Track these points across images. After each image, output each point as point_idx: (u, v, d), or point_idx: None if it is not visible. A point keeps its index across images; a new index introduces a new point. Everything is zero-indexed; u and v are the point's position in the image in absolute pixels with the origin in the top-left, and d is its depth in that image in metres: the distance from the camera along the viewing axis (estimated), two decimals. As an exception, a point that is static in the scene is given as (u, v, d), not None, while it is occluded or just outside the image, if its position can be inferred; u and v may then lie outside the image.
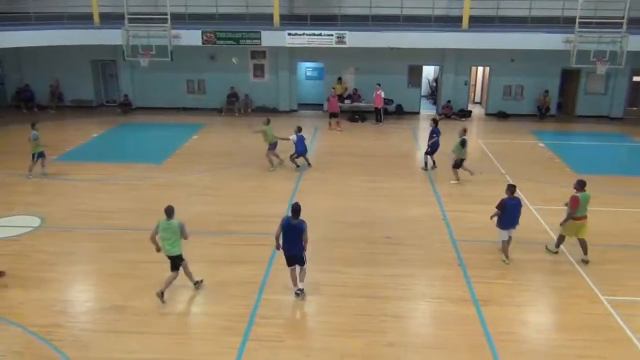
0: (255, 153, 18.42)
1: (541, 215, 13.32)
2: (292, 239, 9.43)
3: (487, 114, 25.57)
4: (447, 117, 24.60)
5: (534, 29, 21.78)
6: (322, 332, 8.80)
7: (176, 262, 9.64)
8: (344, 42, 22.26)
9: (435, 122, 17.27)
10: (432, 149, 17.06)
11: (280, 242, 9.64)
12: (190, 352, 8.25)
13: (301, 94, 26.20)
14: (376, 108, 23.39)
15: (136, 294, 9.80)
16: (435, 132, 16.99)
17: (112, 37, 21.91)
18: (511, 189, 10.86)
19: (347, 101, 24.79)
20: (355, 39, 22.14)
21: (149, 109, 25.47)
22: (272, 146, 16.88)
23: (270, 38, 22.54)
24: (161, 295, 9.47)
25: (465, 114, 24.96)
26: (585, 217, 11.03)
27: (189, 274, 9.90)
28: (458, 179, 15.70)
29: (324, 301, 9.68)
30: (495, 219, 10.91)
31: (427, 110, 26.49)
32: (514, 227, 10.99)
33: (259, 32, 22.31)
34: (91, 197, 14.54)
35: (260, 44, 22.77)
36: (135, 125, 23.02)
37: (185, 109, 25.57)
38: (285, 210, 13.42)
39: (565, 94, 25.55)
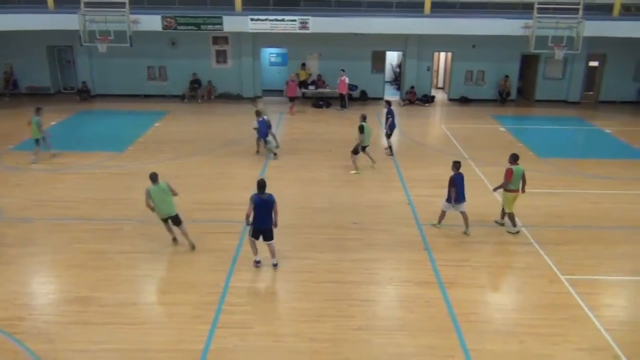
0: (219, 140, 18.26)
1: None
2: (264, 213, 9.86)
3: (450, 99, 25.92)
4: (411, 102, 24.83)
5: (494, 15, 22.11)
6: (291, 318, 8.85)
7: (178, 218, 10.74)
8: (307, 28, 22.14)
9: (388, 103, 17.77)
10: (391, 130, 17.37)
11: (251, 219, 9.91)
12: (159, 341, 8.17)
13: (265, 80, 25.98)
14: (340, 94, 23.41)
15: (101, 284, 9.64)
16: (390, 113, 17.39)
17: (68, 21, 21.18)
18: (457, 165, 11.67)
19: (311, 87, 24.74)
20: (319, 24, 22.04)
21: (109, 96, 24.87)
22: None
23: (232, 23, 22.22)
24: (192, 247, 10.83)
25: (429, 99, 25.23)
26: (518, 190, 11.64)
27: (185, 233, 10.89)
28: (357, 168, 15.59)
29: (292, 287, 9.73)
30: (447, 196, 11.71)
31: (391, 96, 26.62)
32: (465, 201, 11.67)
33: (221, 17, 21.97)
34: (51, 187, 14.16)
35: (222, 30, 22.42)
36: (95, 113, 22.44)
37: (146, 96, 25.06)
38: (252, 197, 13.40)
39: (524, 79, 26.12)
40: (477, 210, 12.76)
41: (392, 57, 29.31)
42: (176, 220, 10.74)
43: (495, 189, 12.05)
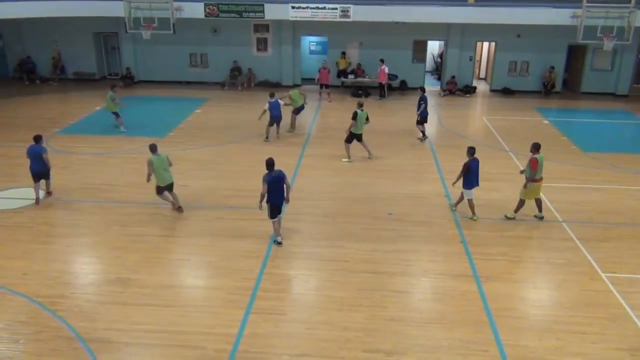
0: (258, 128, 18.39)
1: (544, 193, 13.26)
2: (279, 190, 10.31)
3: (492, 90, 25.40)
4: (452, 93, 24.46)
5: (541, 3, 21.48)
6: (324, 306, 8.88)
7: (172, 185, 11.83)
8: (348, 16, 22.02)
9: (422, 90, 17.75)
10: (422, 116, 17.32)
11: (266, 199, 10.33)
12: (194, 324, 8.34)
13: (304, 69, 25.97)
14: (380, 83, 23.23)
15: (141, 266, 9.89)
16: (422, 100, 17.32)
17: (113, 9, 21.71)
18: (471, 150, 11.73)
19: (350, 76, 24.62)
20: (360, 12, 21.89)
21: (152, 82, 25.36)
22: (297, 110, 18.25)
23: (273, 11, 22.29)
24: (180, 209, 11.90)
25: (470, 90, 24.79)
26: (542, 178, 11.57)
27: (167, 198, 11.91)
28: (349, 157, 15.42)
29: (326, 276, 9.76)
30: (460, 182, 11.76)
31: (432, 86, 26.31)
32: (478, 185, 11.81)
33: (263, 5, 22.07)
34: (95, 170, 14.57)
35: (263, 17, 22.54)
36: (138, 99, 22.92)
37: (187, 83, 25.44)
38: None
39: (571, 70, 25.35)
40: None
41: (434, 47, 28.88)
42: (171, 187, 11.86)
43: (526, 183, 11.58)
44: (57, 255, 10.30)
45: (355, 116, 14.97)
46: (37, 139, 12.40)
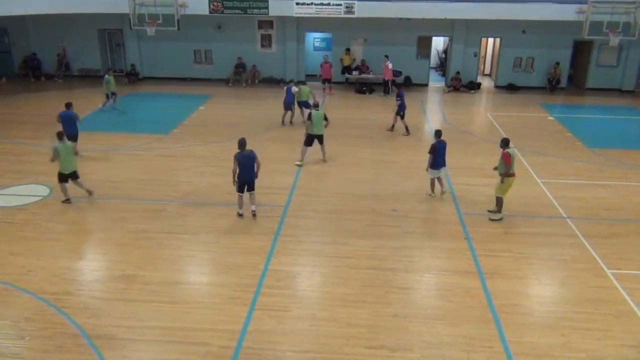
0: (262, 124, 18.41)
1: (549, 189, 13.28)
2: (249, 168, 11.25)
3: (497, 86, 25.32)
4: (456, 89, 24.38)
5: (547, -1, 21.39)
6: (328, 303, 8.89)
7: (76, 174, 12.16)
8: (353, 12, 21.97)
9: (398, 86, 19.68)
10: (402, 110, 17.63)
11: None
12: (198, 320, 8.36)
13: (309, 65, 25.94)
14: (384, 80, 23.19)
15: (145, 263, 9.92)
16: (399, 95, 17.73)
17: (118, 5, 21.72)
18: (438, 133, 12.51)
19: (355, 72, 24.58)
20: (364, 8, 21.84)
21: (156, 78, 25.40)
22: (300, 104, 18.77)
23: (278, 7, 22.27)
24: (90, 193, 12.36)
25: (474, 86, 24.71)
26: (514, 174, 11.56)
27: (81, 185, 12.30)
28: (301, 160, 14.82)
29: (330, 272, 9.77)
30: (427, 163, 12.48)
31: (436, 82, 26.28)
32: (444, 166, 12.58)
33: (267, 1, 22.05)
34: (99, 166, 14.61)
35: (267, 14, 22.53)
36: (143, 95, 22.97)
37: (192, 80, 25.45)
38: (292, 182, 13.51)
39: (576, 66, 25.23)
40: (523, 201, 12.52)
41: (438, 43, 28.79)
42: (75, 175, 12.14)
43: (502, 179, 11.51)
44: (62, 252, 10.34)
45: (309, 117, 14.74)
46: (68, 105, 14.79)
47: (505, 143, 11.52)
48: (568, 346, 7.88)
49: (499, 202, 11.65)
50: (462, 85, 24.49)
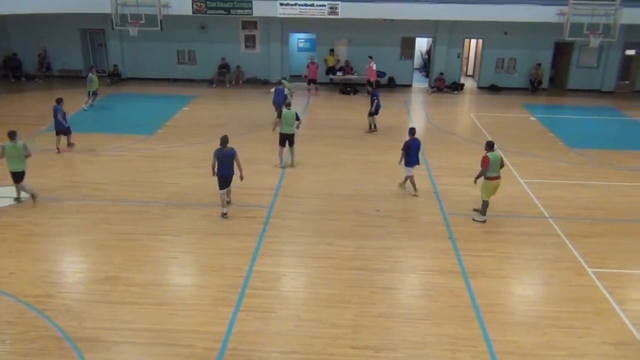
0: (247, 125, 18.36)
1: (531, 189, 13.42)
2: (227, 164, 11.43)
3: (480, 87, 25.53)
4: (440, 90, 24.53)
5: (528, 0, 21.61)
6: (313, 303, 8.90)
7: (20, 176, 11.90)
8: (337, 13, 22.02)
9: (371, 85, 20.05)
10: (376, 110, 17.88)
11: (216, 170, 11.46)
12: (183, 322, 8.32)
13: (293, 66, 25.93)
14: (368, 80, 23.26)
15: (128, 265, 9.83)
16: (374, 95, 18.00)
17: (100, 5, 21.50)
18: (412, 131, 12.95)
19: (339, 73, 24.62)
20: (348, 9, 21.90)
21: (139, 79, 25.19)
22: None
23: (261, 8, 22.24)
24: (34, 197, 12.13)
25: (458, 87, 24.89)
26: (499, 177, 11.49)
27: (23, 189, 12.04)
28: (281, 161, 14.69)
29: (315, 273, 9.77)
30: (403, 160, 12.82)
31: (420, 83, 26.42)
32: (418, 164, 12.93)
33: (250, 2, 22.01)
34: (81, 168, 14.47)
35: (251, 14, 22.49)
36: (125, 96, 22.77)
37: (175, 80, 25.29)
38: (277, 183, 13.50)
39: (557, 67, 25.53)
40: (506, 201, 12.63)
41: (422, 44, 28.94)
42: (19, 177, 11.92)
43: (475, 179, 11.70)
44: (43, 254, 10.22)
45: (279, 115, 14.70)
46: (59, 100, 15.68)
47: (488, 146, 11.54)
48: (550, 344, 7.97)
49: (485, 205, 11.67)
50: (445, 86, 24.66)
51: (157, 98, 22.47)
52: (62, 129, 15.60)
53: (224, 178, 11.57)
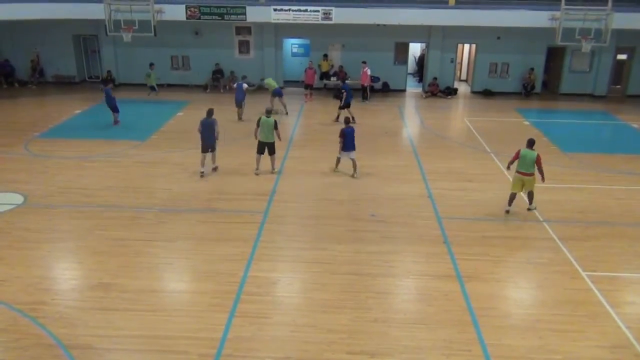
0: (241, 130, 18.35)
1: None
2: (209, 132, 14.04)
3: (473, 92, 25.63)
4: (433, 94, 24.61)
5: (521, 6, 21.76)
6: (308, 309, 8.88)
7: None
8: (330, 19, 22.08)
9: (343, 81, 20.95)
10: (346, 103, 19.12)
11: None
12: (177, 329, 8.28)
13: (287, 71, 25.95)
14: (362, 85, 23.31)
15: (122, 271, 9.79)
16: (344, 88, 19.37)
17: (93, 11, 21.49)
18: (346, 120, 14.54)
19: (333, 78, 24.66)
20: (342, 15, 21.97)
21: (133, 85, 25.12)
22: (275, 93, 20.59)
23: (255, 13, 22.27)
24: None
25: (451, 91, 24.98)
26: (531, 174, 11.92)
27: None
28: (257, 168, 14.57)
29: (310, 278, 9.76)
30: (340, 147, 14.18)
31: (414, 88, 26.50)
32: (354, 150, 14.16)
33: (244, 7, 22.03)
34: (75, 174, 14.39)
35: (245, 20, 22.49)
36: (119, 102, 22.57)
37: (169, 86, 25.25)
38: (271, 188, 13.48)
39: (550, 72, 25.68)
40: (499, 204, 12.66)
41: (416, 49, 29.05)
42: None
43: (508, 165, 12.47)
44: (36, 260, 10.15)
45: (258, 122, 14.29)
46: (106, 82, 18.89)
47: (528, 143, 12.03)
48: (545, 348, 7.98)
49: (511, 196, 12.26)
50: (439, 91, 24.73)
51: (151, 104, 22.42)
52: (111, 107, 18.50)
53: (208, 145, 14.05)
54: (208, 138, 13.98)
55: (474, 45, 25.89)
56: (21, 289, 9.15)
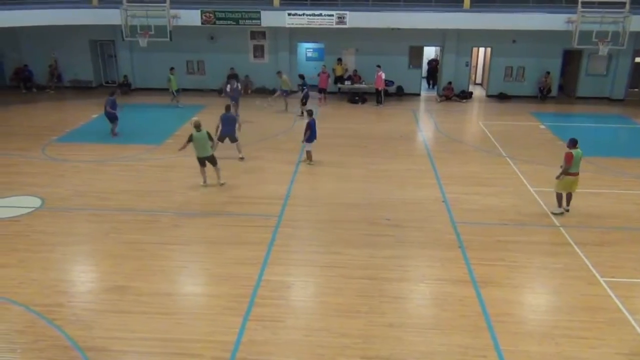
0: (255, 134, 18.41)
1: (541, 197, 13.32)
2: (228, 125, 15.70)
3: (488, 96, 25.47)
4: (448, 98, 24.49)
5: (536, 8, 21.60)
6: (322, 313, 8.86)
7: None
8: (345, 23, 22.09)
9: (301, 77, 21.81)
10: (306, 99, 20.91)
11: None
12: (192, 332, 8.30)
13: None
14: (377, 89, 23.28)
15: (137, 274, 9.85)
16: (304, 85, 21.18)
17: (110, 16, 21.76)
18: (310, 112, 15.68)
19: (347, 82, 24.66)
20: (356, 19, 21.97)
21: (149, 89, 25.35)
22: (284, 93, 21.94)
23: (270, 18, 22.36)
24: None
25: (466, 95, 24.85)
26: (577, 173, 12.10)
27: None
28: (204, 181, 13.91)
29: (324, 282, 9.74)
30: (306, 137, 15.26)
31: (428, 92, 26.41)
32: (315, 139, 15.56)
33: (259, 12, 22.14)
34: (91, 178, 14.54)
35: (260, 24, 22.61)
36: (135, 106, 22.90)
37: (184, 90, 25.40)
38: (286, 192, 13.50)
39: (566, 75, 25.43)
40: (515, 209, 12.57)
41: (430, 53, 28.95)
42: None
43: (557, 177, 12.21)
44: (53, 263, 10.25)
45: (190, 138, 13.46)
46: (111, 93, 18.32)
47: (572, 143, 12.05)
48: (562, 355, 7.87)
49: (558, 197, 12.32)
50: (454, 95, 24.61)
51: (166, 108, 22.58)
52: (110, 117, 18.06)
53: (228, 136, 15.62)
54: (227, 130, 15.58)
55: (489, 49, 25.73)
56: (38, 291, 9.26)
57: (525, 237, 11.46)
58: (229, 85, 20.34)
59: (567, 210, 12.37)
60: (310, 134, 15.29)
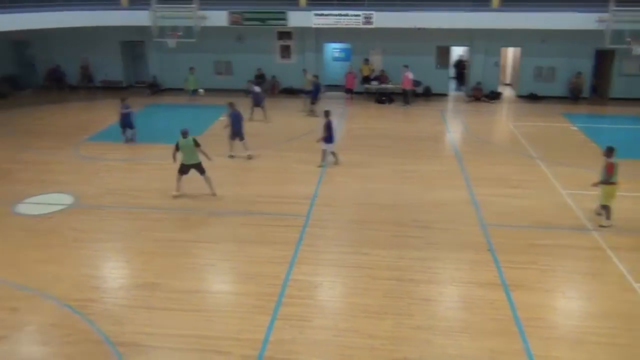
0: (282, 135, 18.48)
1: (573, 201, 13.08)
2: (238, 123, 16.18)
3: (518, 96, 25.11)
4: (477, 99, 24.22)
5: (567, 8, 21.21)
6: (350, 313, 8.84)
7: None
8: (371, 23, 22.03)
9: (315, 77, 21.83)
10: (315, 98, 21.23)
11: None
12: (220, 329, 8.37)
13: (328, 75, 26.01)
14: (404, 90, 23.16)
15: (168, 271, 9.97)
16: (317, 85, 21.43)
17: (140, 18, 22.11)
18: (326, 113, 15.22)
19: (374, 83, 24.58)
20: (383, 19, 21.90)
21: (177, 90, 25.61)
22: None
23: (296, 18, 22.44)
24: None
25: (495, 96, 24.54)
26: (617, 182, 11.65)
27: None
28: (178, 190, 13.35)
29: (352, 283, 9.72)
30: (325, 138, 15.16)
31: (456, 92, 26.17)
32: (333, 142, 15.43)
33: (286, 13, 22.23)
34: (123, 176, 14.78)
35: (286, 25, 22.70)
36: (164, 106, 23.21)
37: (212, 90, 25.62)
38: (313, 192, 13.52)
39: (599, 76, 24.90)
40: (546, 212, 12.37)
41: (458, 53, 28.69)
42: None
43: (597, 183, 11.81)
44: (86, 259, 10.45)
45: (177, 146, 13.15)
46: (123, 99, 17.89)
47: (609, 151, 11.66)
48: (595, 361, 7.73)
49: (606, 210, 11.76)
50: (483, 95, 24.33)
51: (195, 108, 22.81)
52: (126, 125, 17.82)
53: (235, 132, 15.97)
54: (234, 128, 15.97)
55: (518, 49, 25.37)
56: (72, 287, 9.44)
57: (557, 240, 11.26)
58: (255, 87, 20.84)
59: (599, 214, 12.03)
60: (329, 135, 15.10)
